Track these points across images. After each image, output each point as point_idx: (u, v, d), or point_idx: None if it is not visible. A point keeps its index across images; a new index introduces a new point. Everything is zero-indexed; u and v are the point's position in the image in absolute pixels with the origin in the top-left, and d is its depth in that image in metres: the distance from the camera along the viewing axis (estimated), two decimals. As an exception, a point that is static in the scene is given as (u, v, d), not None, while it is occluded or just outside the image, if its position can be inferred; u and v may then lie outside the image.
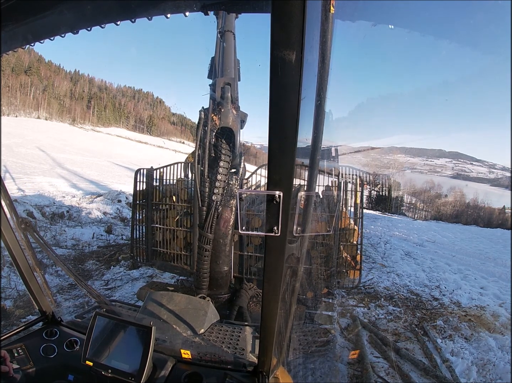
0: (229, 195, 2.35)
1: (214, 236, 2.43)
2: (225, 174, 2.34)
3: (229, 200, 2.36)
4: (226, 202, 2.36)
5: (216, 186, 2.33)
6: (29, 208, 7.79)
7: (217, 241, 2.46)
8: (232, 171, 2.40)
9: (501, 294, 5.72)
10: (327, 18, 1.30)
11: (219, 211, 2.35)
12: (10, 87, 58.27)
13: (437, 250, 9.19)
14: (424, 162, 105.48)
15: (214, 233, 2.41)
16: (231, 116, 2.28)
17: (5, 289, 4.19)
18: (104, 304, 2.02)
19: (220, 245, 2.47)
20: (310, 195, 1.72)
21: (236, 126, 2.29)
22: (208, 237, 2.39)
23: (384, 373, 3.24)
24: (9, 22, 1.15)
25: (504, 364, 3.45)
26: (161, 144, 68.45)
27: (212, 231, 2.39)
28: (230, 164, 2.35)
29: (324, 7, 1.30)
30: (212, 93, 2.32)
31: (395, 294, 5.35)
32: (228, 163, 2.33)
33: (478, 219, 25.59)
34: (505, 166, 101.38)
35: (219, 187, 2.33)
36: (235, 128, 2.28)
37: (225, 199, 2.35)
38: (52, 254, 2.00)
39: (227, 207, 2.37)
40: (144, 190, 4.64)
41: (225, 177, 2.34)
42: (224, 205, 2.36)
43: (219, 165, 2.32)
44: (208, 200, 2.37)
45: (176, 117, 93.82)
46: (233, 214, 2.40)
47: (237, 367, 1.47)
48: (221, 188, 2.34)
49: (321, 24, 1.29)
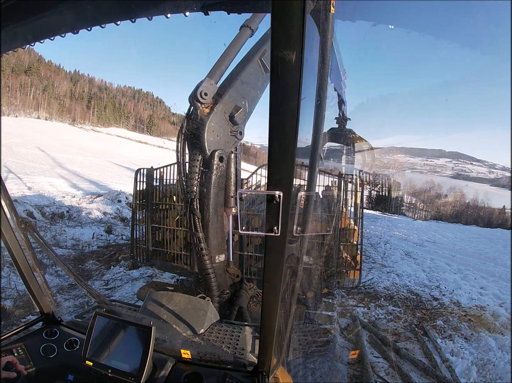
0: (203, 195, 2.38)
1: (205, 235, 2.46)
2: (197, 172, 2.36)
3: (203, 199, 2.39)
4: (202, 201, 2.39)
5: (189, 185, 2.38)
6: (29, 208, 7.80)
7: (209, 238, 2.49)
8: (206, 171, 2.40)
9: (501, 294, 5.72)
10: (327, 18, 1.30)
11: (199, 210, 2.40)
12: (10, 87, 58.27)
13: (437, 250, 9.19)
14: (424, 162, 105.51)
15: (204, 232, 2.45)
16: (199, 114, 2.27)
17: (5, 289, 4.19)
18: (104, 304, 2.02)
19: (211, 241, 2.50)
20: (310, 195, 1.72)
21: (203, 126, 2.29)
22: (197, 235, 2.42)
23: (384, 373, 3.24)
24: (9, 22, 1.15)
25: (504, 364, 3.45)
26: (161, 144, 68.47)
27: (199, 229, 2.42)
28: (201, 163, 2.35)
29: (324, 7, 1.30)
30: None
31: (395, 294, 5.35)
32: (196, 161, 2.35)
33: (478, 219, 25.61)
34: (505, 166, 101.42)
35: (192, 185, 2.37)
36: (202, 127, 2.29)
37: (200, 198, 2.38)
38: (52, 254, 2.00)
39: (204, 205, 2.40)
40: (144, 190, 4.63)
41: (197, 175, 2.36)
42: (201, 203, 2.40)
43: (191, 165, 2.38)
44: (186, 199, 2.43)
45: (176, 117, 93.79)
46: (210, 212, 2.43)
47: (237, 367, 1.47)
48: (194, 186, 2.37)
49: (321, 24, 1.30)
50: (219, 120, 2.33)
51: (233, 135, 2.39)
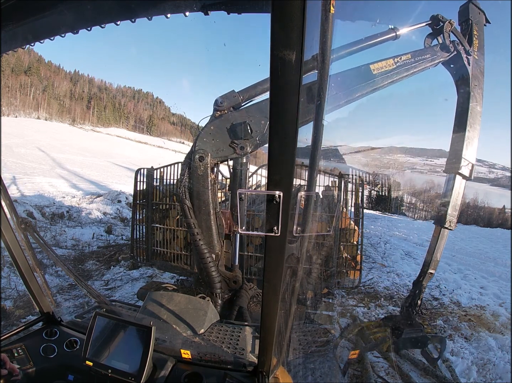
0: (190, 189, 2.45)
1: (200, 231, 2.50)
2: (185, 164, 2.44)
3: (190, 191, 2.45)
4: (190, 193, 2.46)
5: (181, 174, 2.48)
6: (29, 208, 7.80)
7: (204, 235, 2.53)
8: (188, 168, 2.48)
9: (501, 294, 5.72)
10: (327, 18, 1.30)
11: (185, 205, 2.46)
12: (10, 88, 58.27)
13: (437, 250, 9.17)
14: (424, 162, 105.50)
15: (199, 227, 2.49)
16: (211, 117, 2.36)
17: (5, 289, 4.19)
18: (104, 304, 2.02)
19: (205, 240, 2.54)
20: (310, 195, 1.72)
21: (205, 126, 2.37)
22: (188, 222, 2.47)
23: (384, 373, 3.24)
24: (9, 22, 1.15)
25: (504, 364, 3.45)
26: (161, 144, 68.50)
27: (194, 224, 2.46)
28: (191, 158, 2.44)
29: (324, 7, 1.30)
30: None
31: (395, 294, 5.35)
32: (186, 159, 2.44)
33: (478, 219, 25.58)
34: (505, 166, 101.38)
35: (182, 175, 2.46)
36: (204, 127, 2.37)
37: (188, 190, 2.46)
38: (52, 254, 2.00)
39: (191, 197, 2.47)
40: (144, 190, 4.63)
41: (185, 166, 2.44)
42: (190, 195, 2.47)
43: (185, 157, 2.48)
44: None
45: (176, 117, 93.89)
46: (194, 207, 2.49)
47: (237, 367, 1.47)
48: (182, 176, 2.45)
49: (321, 24, 1.30)
50: (220, 126, 2.36)
51: (231, 147, 2.38)
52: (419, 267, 3.36)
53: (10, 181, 11.50)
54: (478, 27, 3.01)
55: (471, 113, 3.00)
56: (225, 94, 2.38)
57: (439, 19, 2.89)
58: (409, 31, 2.85)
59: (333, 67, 1.55)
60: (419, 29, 2.95)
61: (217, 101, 2.35)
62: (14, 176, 12.47)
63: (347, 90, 2.48)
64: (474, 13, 3.00)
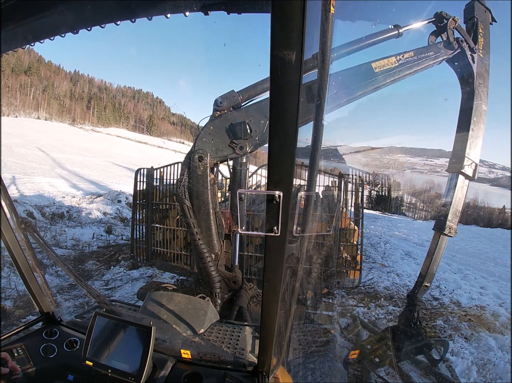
0: (189, 189, 2.45)
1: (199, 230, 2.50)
2: (185, 164, 2.45)
3: (184, 194, 2.46)
4: (190, 193, 2.47)
5: (181, 174, 2.48)
6: (29, 208, 7.80)
7: (203, 234, 2.54)
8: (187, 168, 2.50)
9: (501, 294, 5.71)
10: (327, 18, 1.30)
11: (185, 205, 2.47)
12: (10, 88, 58.27)
13: (437, 250, 9.17)
14: (424, 162, 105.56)
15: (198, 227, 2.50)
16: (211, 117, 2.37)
17: (5, 289, 4.19)
18: (104, 304, 2.02)
19: (204, 240, 2.55)
20: (310, 195, 1.72)
21: (205, 126, 2.38)
22: (187, 221, 2.46)
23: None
24: (9, 22, 1.15)
25: (504, 364, 3.45)
26: (161, 144, 68.52)
27: (193, 224, 2.46)
28: (191, 158, 2.45)
29: (324, 7, 1.30)
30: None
31: (395, 294, 5.35)
32: (186, 159, 2.45)
33: (478, 219, 25.56)
34: (505, 166, 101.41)
35: (182, 175, 2.46)
36: (204, 127, 2.38)
37: (188, 190, 2.47)
38: (52, 254, 2.00)
39: (190, 197, 2.47)
40: (144, 190, 4.63)
41: (185, 166, 2.45)
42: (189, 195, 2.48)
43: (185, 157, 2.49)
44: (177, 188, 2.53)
45: (176, 117, 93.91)
46: (194, 206, 2.50)
47: (237, 367, 1.47)
48: (182, 176, 2.45)
49: (321, 24, 1.30)
50: (220, 126, 2.36)
51: (231, 147, 2.39)
52: (419, 267, 3.35)
53: (10, 181, 11.50)
54: (484, 25, 2.97)
55: (476, 112, 2.90)
56: (224, 94, 2.37)
57: (443, 16, 2.85)
58: (412, 29, 2.81)
59: (334, 66, 1.55)
60: (422, 27, 2.92)
61: (216, 101, 2.35)
62: (14, 176, 12.48)
63: (348, 89, 2.46)
64: (479, 11, 2.96)
